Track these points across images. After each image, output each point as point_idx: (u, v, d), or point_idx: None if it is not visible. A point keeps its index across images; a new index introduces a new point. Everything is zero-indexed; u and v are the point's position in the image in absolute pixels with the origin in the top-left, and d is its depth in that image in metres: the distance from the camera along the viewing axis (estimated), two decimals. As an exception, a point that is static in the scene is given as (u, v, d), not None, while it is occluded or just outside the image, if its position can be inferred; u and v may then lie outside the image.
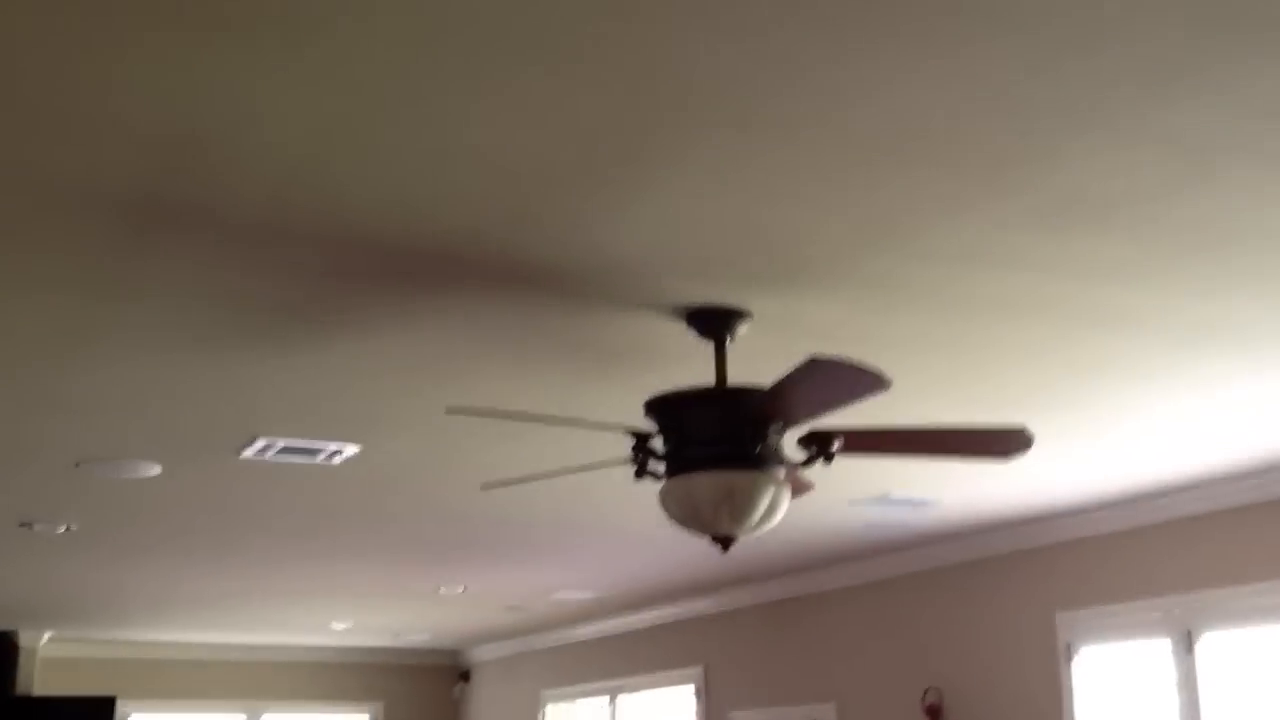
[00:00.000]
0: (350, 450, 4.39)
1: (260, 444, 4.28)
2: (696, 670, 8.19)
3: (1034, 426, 4.17)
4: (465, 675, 11.18)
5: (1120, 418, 4.12)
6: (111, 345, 3.32)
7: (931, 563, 6.44)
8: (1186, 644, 5.18)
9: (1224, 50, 2.02)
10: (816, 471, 4.32)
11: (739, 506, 3.02)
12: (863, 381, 2.68)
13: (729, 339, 3.18)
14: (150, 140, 2.24)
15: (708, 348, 3.25)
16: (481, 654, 10.95)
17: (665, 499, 3.10)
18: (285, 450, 4.37)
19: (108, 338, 3.26)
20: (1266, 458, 4.64)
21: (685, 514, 3.08)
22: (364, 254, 2.75)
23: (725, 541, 3.12)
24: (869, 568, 6.80)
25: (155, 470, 4.61)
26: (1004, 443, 3.20)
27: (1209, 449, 4.52)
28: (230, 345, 3.33)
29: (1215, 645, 5.09)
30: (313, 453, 4.41)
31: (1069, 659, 5.65)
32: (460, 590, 7.69)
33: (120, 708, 9.87)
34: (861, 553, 6.61)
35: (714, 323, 3.16)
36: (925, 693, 6.37)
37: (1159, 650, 5.28)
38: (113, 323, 3.16)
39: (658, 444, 3.17)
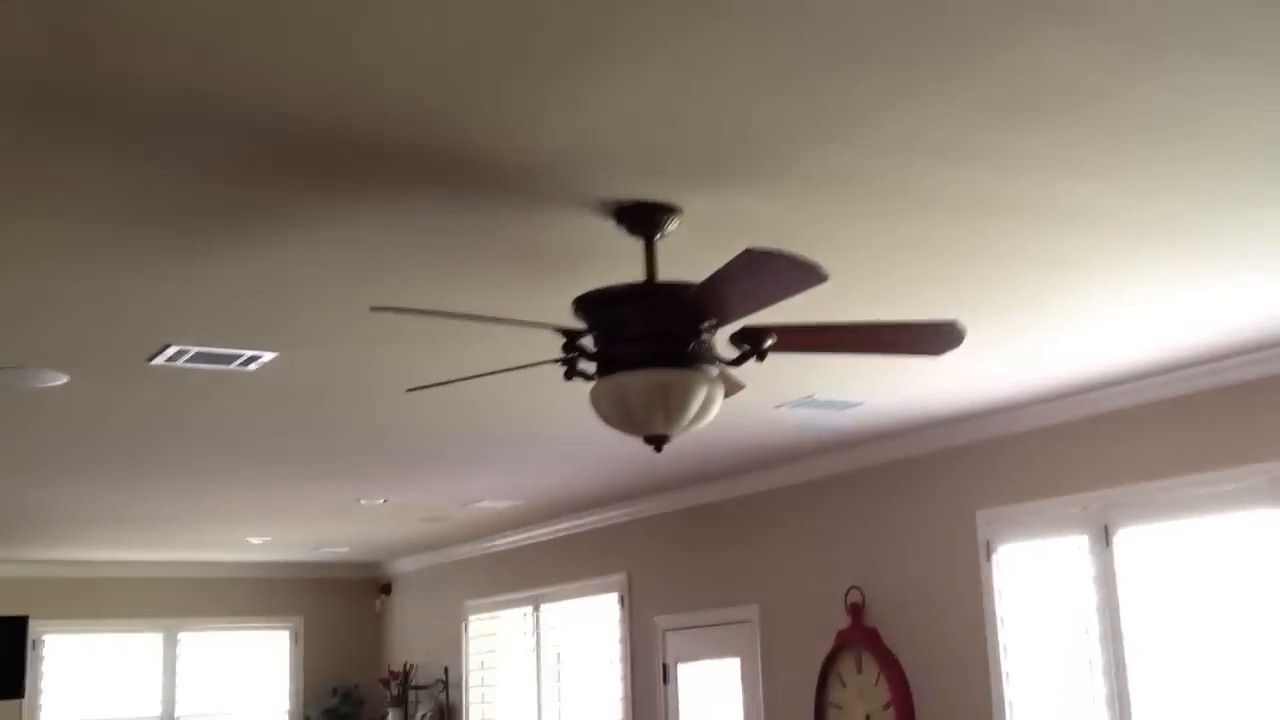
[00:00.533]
0: (267, 356, 4.26)
1: (172, 351, 4.14)
2: (620, 577, 8.22)
3: (968, 323, 4.16)
4: (386, 588, 11.15)
5: (1053, 315, 4.13)
6: (11, 251, 3.16)
7: (855, 464, 6.49)
8: (1104, 539, 5.27)
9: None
10: (746, 372, 4.28)
11: (673, 406, 2.97)
12: (800, 274, 2.63)
13: (659, 236, 3.11)
14: (41, 21, 2.09)
15: (637, 246, 3.17)
16: (403, 566, 10.92)
17: (597, 399, 3.04)
18: (198, 358, 4.23)
19: (6, 242, 3.10)
20: (1185, 354, 4.69)
21: (618, 414, 3.02)
22: (280, 146, 2.62)
23: (658, 441, 3.08)
24: (792, 471, 6.83)
25: (63, 380, 4.44)
26: (937, 338, 3.18)
27: (1134, 346, 4.55)
28: (139, 246, 3.19)
29: (1131, 540, 5.19)
30: (227, 359, 4.28)
31: (989, 556, 5.74)
32: (381, 502, 7.62)
33: (33, 629, 9.71)
34: (785, 456, 6.63)
35: (644, 219, 3.08)
36: (848, 592, 6.45)
37: (1077, 546, 5.38)
38: (12, 227, 3.00)
39: (588, 343, 3.10)
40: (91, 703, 10.11)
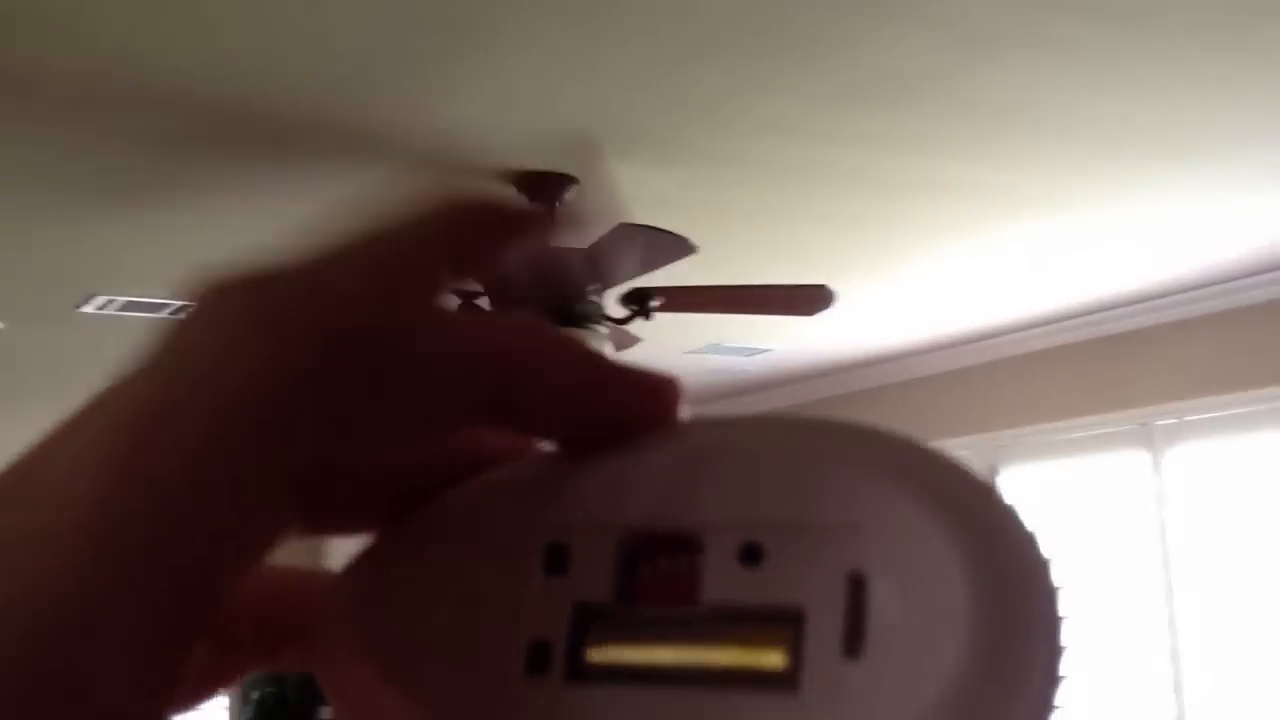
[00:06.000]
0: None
1: (100, 300, 4.35)
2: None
3: (852, 283, 4.45)
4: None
5: (930, 275, 4.42)
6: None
7: (764, 406, 6.80)
8: (991, 477, 5.61)
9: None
10: (657, 318, 4.56)
11: (561, 362, 3.23)
12: (668, 246, 2.89)
13: (558, 204, 3.35)
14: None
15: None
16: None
17: (493, 355, 3.29)
18: (127, 308, 4.44)
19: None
20: (1061, 309, 5.02)
21: (511, 369, 3.28)
22: (196, 121, 2.84)
23: (549, 394, 3.34)
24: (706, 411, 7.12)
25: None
26: (808, 300, 3.46)
27: (1014, 301, 4.87)
28: (64, 205, 3.39)
29: (1016, 478, 5.55)
30: (157, 308, 4.49)
31: (888, 494, 6.08)
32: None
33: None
34: (700, 398, 6.93)
35: (543, 188, 3.32)
36: (758, 527, 6.78)
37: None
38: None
39: (483, 302, 3.35)
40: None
